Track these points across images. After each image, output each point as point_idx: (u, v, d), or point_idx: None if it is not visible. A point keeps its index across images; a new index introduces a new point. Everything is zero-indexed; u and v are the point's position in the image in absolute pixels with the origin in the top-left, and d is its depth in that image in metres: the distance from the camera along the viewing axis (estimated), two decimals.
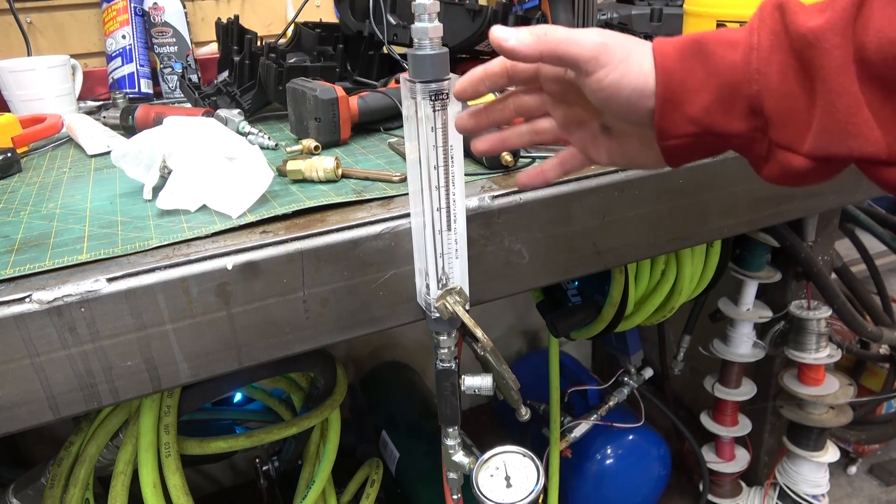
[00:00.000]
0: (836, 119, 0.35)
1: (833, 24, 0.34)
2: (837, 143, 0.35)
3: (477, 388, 0.60)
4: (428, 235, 0.50)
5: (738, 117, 0.39)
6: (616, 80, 0.40)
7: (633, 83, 0.40)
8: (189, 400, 0.75)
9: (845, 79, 0.34)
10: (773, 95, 0.37)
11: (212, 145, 0.58)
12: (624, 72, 0.40)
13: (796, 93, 0.36)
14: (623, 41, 0.41)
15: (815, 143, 0.36)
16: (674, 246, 0.71)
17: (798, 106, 0.36)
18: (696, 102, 0.39)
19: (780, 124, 0.38)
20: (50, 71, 0.97)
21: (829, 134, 0.35)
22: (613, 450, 1.20)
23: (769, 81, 0.37)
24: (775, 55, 0.37)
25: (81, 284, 0.45)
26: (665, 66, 0.39)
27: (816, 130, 0.36)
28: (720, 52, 0.38)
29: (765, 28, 0.38)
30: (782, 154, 0.38)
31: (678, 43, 0.40)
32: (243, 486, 1.48)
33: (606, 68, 0.40)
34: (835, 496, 1.40)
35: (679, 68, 0.39)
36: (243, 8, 1.27)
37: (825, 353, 1.06)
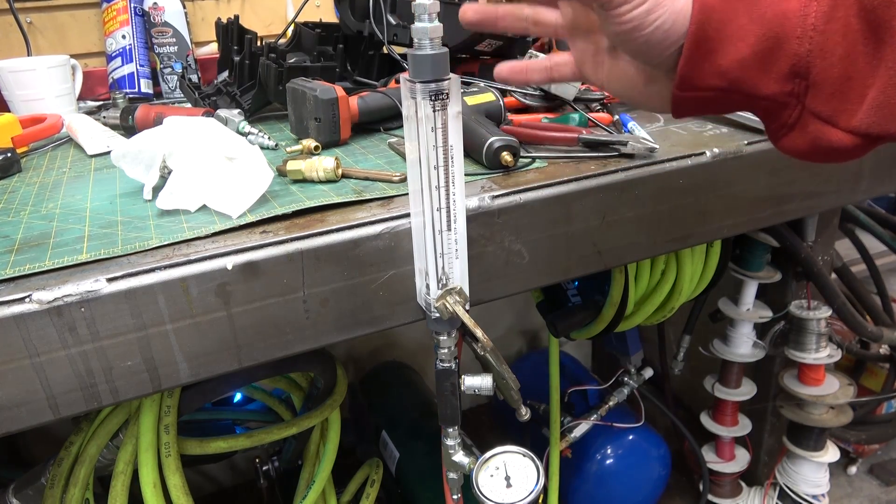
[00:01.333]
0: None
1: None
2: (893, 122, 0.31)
3: (477, 388, 0.60)
4: (428, 235, 0.50)
5: (775, 78, 0.34)
6: (641, 14, 0.35)
7: (660, 20, 0.35)
8: (189, 400, 0.75)
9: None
10: (828, 58, 0.32)
11: (212, 145, 0.58)
12: (651, 6, 0.34)
13: (855, 57, 0.32)
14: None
15: (868, 118, 0.32)
16: (674, 246, 0.71)
17: (854, 73, 0.32)
18: (730, 52, 0.34)
19: (826, 93, 0.33)
20: (50, 71, 0.97)
21: (889, 110, 0.31)
22: (613, 450, 1.20)
23: (826, 41, 0.32)
24: (840, 10, 0.32)
25: (81, 284, 0.45)
26: (705, 4, 0.34)
27: (873, 105, 0.31)
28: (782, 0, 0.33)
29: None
30: (817, 126, 0.34)
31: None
32: (243, 486, 1.48)
33: (633, 2, 0.35)
34: (835, 496, 1.40)
35: (721, 9, 0.34)
36: (243, 8, 1.27)
37: (825, 353, 1.06)
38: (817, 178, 0.75)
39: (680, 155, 0.65)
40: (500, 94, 0.76)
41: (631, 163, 0.64)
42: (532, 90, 0.81)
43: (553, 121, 0.78)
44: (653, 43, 0.36)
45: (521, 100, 0.81)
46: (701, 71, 0.35)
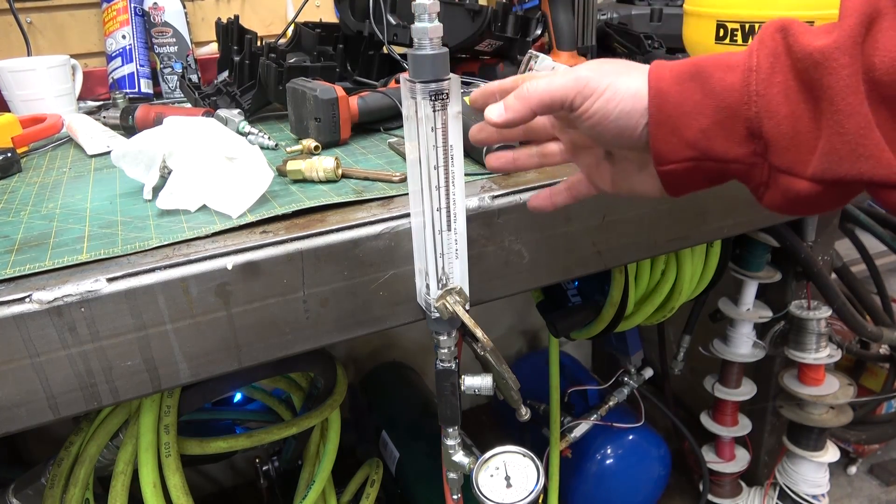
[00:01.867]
0: (846, 140, 0.34)
1: (840, 43, 0.33)
2: (847, 166, 0.34)
3: (477, 388, 0.60)
4: (428, 235, 0.50)
5: (737, 141, 0.38)
6: (602, 105, 0.40)
7: (619, 106, 0.40)
8: (189, 400, 0.75)
9: (854, 99, 0.33)
10: (774, 117, 0.36)
11: (212, 145, 0.58)
12: (609, 97, 0.40)
13: (799, 114, 0.35)
14: (611, 69, 0.41)
15: (822, 165, 0.35)
16: (674, 246, 0.71)
17: (801, 127, 0.35)
18: (692, 126, 0.38)
19: (782, 147, 0.37)
20: (50, 71, 0.97)
21: (838, 156, 0.34)
22: (613, 450, 1.20)
23: (769, 103, 0.36)
24: (776, 76, 0.36)
25: (81, 284, 0.45)
26: (660, 88, 0.39)
27: (823, 152, 0.35)
28: (718, 74, 0.38)
29: (764, 50, 0.37)
30: (784, 179, 0.37)
31: (674, 66, 0.40)
32: (243, 486, 1.48)
33: (591, 98, 0.40)
34: (835, 496, 1.40)
35: (675, 91, 0.38)
36: (243, 8, 1.27)
37: (825, 353, 1.06)
38: None
39: None
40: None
41: None
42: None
43: None
44: (621, 126, 0.40)
45: None
46: (670, 145, 0.39)
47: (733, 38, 0.75)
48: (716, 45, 0.77)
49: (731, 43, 0.75)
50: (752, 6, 0.73)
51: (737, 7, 0.75)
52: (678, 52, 0.94)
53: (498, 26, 0.88)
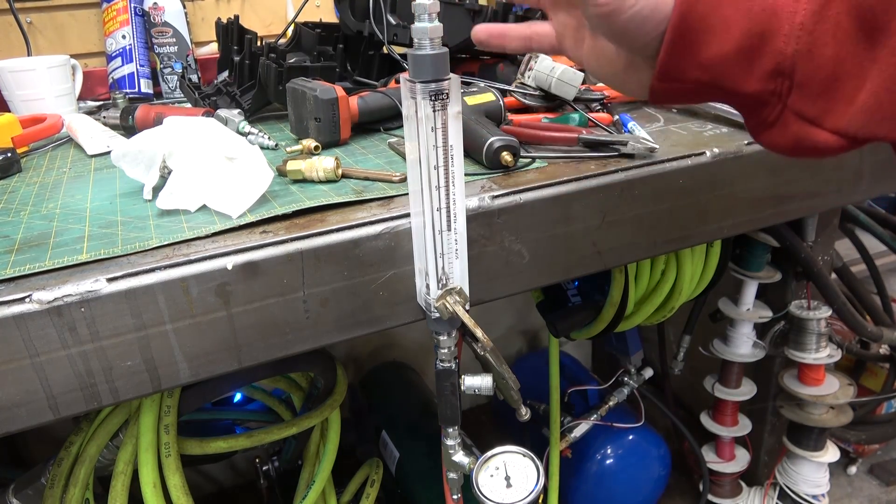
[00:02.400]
0: (894, 99, 0.29)
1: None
2: (888, 126, 0.30)
3: (477, 388, 0.60)
4: (428, 235, 0.50)
5: (758, 76, 0.33)
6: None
7: (637, 5, 0.34)
8: (189, 400, 0.75)
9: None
10: (815, 59, 0.31)
11: (212, 145, 0.58)
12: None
13: (845, 57, 0.30)
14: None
15: (857, 121, 0.31)
16: (674, 246, 0.71)
17: (843, 73, 0.30)
18: (713, 46, 0.33)
19: (813, 94, 0.32)
20: (50, 71, 0.97)
21: (882, 114, 0.30)
22: (613, 450, 1.20)
23: (815, 42, 0.30)
24: (832, 9, 0.30)
25: (81, 284, 0.45)
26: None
27: (864, 107, 0.30)
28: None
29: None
30: (801, 126, 0.33)
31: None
32: (243, 486, 1.48)
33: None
34: (835, 496, 1.40)
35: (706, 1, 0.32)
36: (243, 8, 1.27)
37: (825, 353, 1.06)
38: (817, 178, 0.75)
39: (680, 155, 0.65)
40: (500, 94, 0.76)
41: (631, 163, 0.64)
42: (532, 90, 0.81)
43: (553, 121, 0.78)
44: (631, 29, 0.35)
45: (521, 100, 0.81)
46: (682, 63, 0.34)
47: None
48: None
49: None
50: None
51: None
52: None
53: None
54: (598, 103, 0.81)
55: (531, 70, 0.80)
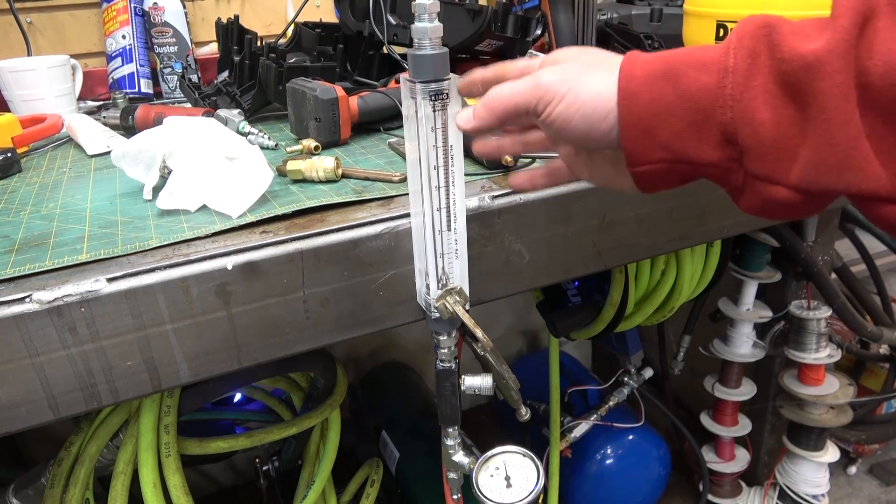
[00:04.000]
0: (835, 151, 0.31)
1: (834, 46, 0.30)
2: (834, 177, 0.32)
3: (477, 388, 0.60)
4: (428, 235, 0.50)
5: (710, 145, 0.36)
6: (562, 110, 0.39)
7: (581, 110, 0.38)
8: (189, 400, 0.75)
9: (847, 107, 0.31)
10: (750, 123, 0.34)
11: (212, 145, 0.58)
12: (570, 101, 0.39)
13: (779, 120, 0.33)
14: (577, 69, 0.40)
15: (806, 176, 0.33)
16: (674, 246, 0.71)
17: (781, 135, 0.33)
18: (665, 128, 0.36)
19: (759, 155, 0.34)
20: (50, 71, 0.97)
21: (825, 167, 0.32)
22: (613, 450, 1.20)
23: (746, 108, 0.34)
24: (755, 79, 0.33)
25: (81, 284, 0.45)
26: (629, 89, 0.37)
27: (807, 163, 0.33)
28: (692, 74, 0.35)
29: (743, 50, 0.34)
30: (761, 186, 0.35)
31: (647, 61, 0.37)
32: (243, 486, 1.48)
33: (552, 104, 0.39)
34: (835, 496, 1.40)
35: (646, 91, 0.36)
36: (243, 8, 1.27)
37: (825, 353, 1.06)
38: None
39: None
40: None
41: None
42: None
43: None
44: (583, 129, 0.39)
45: None
46: (642, 147, 0.38)
47: None
48: None
49: None
50: (752, 6, 0.73)
51: (737, 7, 0.75)
52: None
53: (498, 26, 0.87)
54: None
55: None
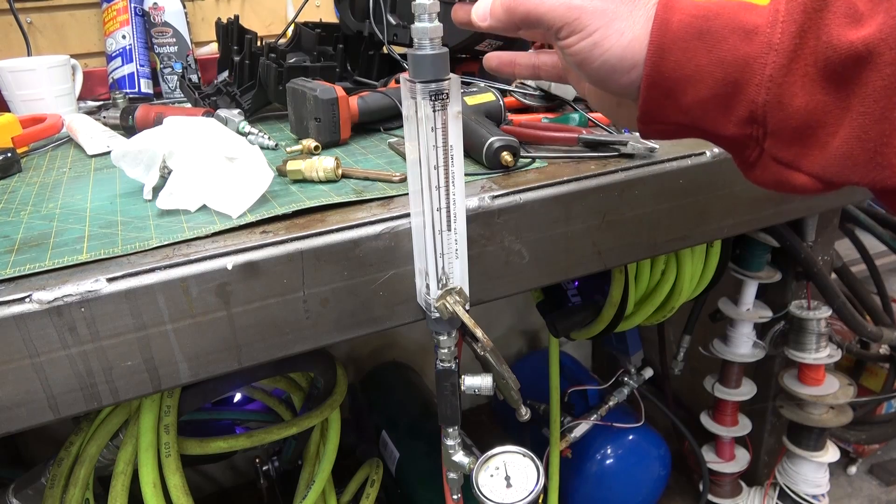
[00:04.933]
0: (865, 146, 0.30)
1: (887, 33, 0.28)
2: (862, 172, 0.31)
3: (477, 388, 0.60)
4: (428, 235, 0.50)
5: (734, 121, 0.34)
6: (586, 47, 0.36)
7: (606, 55, 0.35)
8: (189, 400, 0.75)
9: (888, 101, 0.29)
10: (785, 109, 0.32)
11: (212, 145, 0.58)
12: (597, 41, 0.35)
13: (814, 108, 0.31)
14: (610, 4, 0.36)
15: (832, 168, 0.32)
16: (674, 246, 0.71)
17: (814, 122, 0.31)
18: (689, 93, 0.34)
19: (784, 141, 0.33)
20: (50, 71, 0.97)
21: (853, 162, 0.31)
22: (613, 450, 1.20)
23: (783, 93, 0.32)
24: (799, 61, 0.31)
25: (81, 284, 0.45)
26: (662, 44, 0.34)
27: (836, 155, 0.31)
28: (732, 40, 0.32)
29: (793, 24, 0.31)
30: (780, 169, 0.34)
31: (685, 14, 0.34)
32: (243, 486, 1.48)
33: (577, 35, 0.36)
34: (835, 496, 1.40)
35: (678, 49, 0.33)
36: (243, 8, 1.27)
37: (825, 353, 1.06)
38: None
39: (680, 155, 0.65)
40: (500, 94, 0.76)
41: (631, 163, 0.64)
42: (532, 90, 0.81)
43: (553, 121, 0.78)
44: (603, 75, 0.36)
45: (521, 100, 0.81)
46: (661, 108, 0.36)
47: None
48: None
49: None
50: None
51: None
52: None
53: None
54: None
55: None
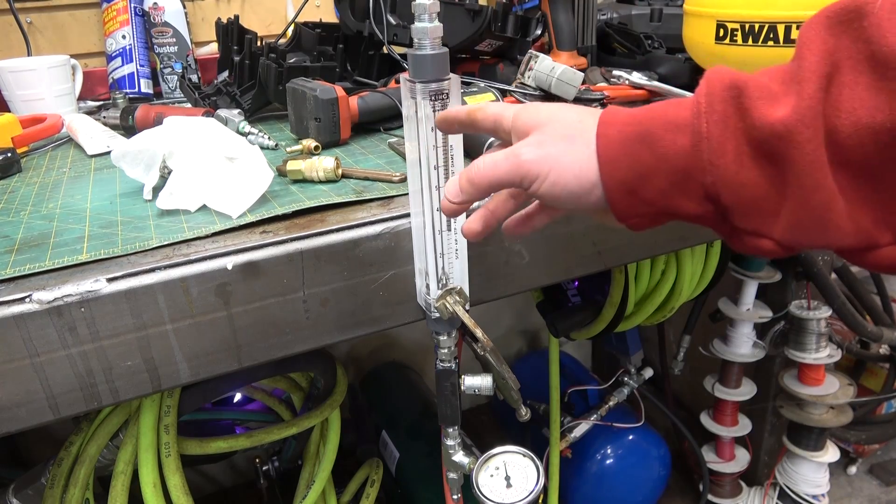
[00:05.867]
0: (811, 214, 0.33)
1: (803, 114, 0.31)
2: (813, 236, 0.34)
3: (477, 388, 0.60)
4: (428, 235, 0.50)
5: (695, 202, 0.37)
6: (548, 188, 0.39)
7: (567, 188, 0.39)
8: (189, 400, 0.75)
9: (820, 173, 0.31)
10: (730, 185, 0.34)
11: (212, 145, 0.58)
12: (554, 181, 0.39)
13: (757, 182, 0.34)
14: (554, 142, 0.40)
15: (787, 234, 0.34)
16: (674, 246, 0.71)
17: (760, 194, 0.34)
18: (649, 187, 0.37)
19: (742, 213, 0.35)
20: (50, 71, 0.97)
21: (803, 227, 0.33)
22: (613, 450, 1.20)
23: (724, 172, 0.34)
24: (729, 144, 0.34)
25: (81, 284, 0.45)
26: (609, 157, 0.38)
27: (788, 223, 0.34)
28: (668, 137, 0.36)
29: (714, 115, 0.34)
30: (748, 237, 0.36)
31: (622, 126, 0.38)
32: (243, 486, 1.48)
33: (536, 182, 0.40)
34: (835, 496, 1.40)
35: (625, 156, 0.37)
36: (243, 8, 1.27)
37: (825, 353, 1.06)
38: None
39: None
40: (500, 94, 0.76)
41: None
42: (532, 90, 0.81)
43: None
44: (573, 202, 0.40)
45: (521, 100, 0.81)
46: (631, 205, 0.39)
47: (733, 38, 0.75)
48: (716, 45, 0.77)
49: (731, 43, 0.75)
50: (752, 6, 0.73)
51: (737, 7, 0.75)
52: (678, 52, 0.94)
53: (498, 26, 0.88)
54: (598, 103, 0.81)
55: (531, 70, 0.80)
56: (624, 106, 0.87)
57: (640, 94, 0.89)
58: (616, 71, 0.92)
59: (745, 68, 0.36)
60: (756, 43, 0.73)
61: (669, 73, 0.93)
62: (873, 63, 0.30)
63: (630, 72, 0.90)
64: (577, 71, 0.78)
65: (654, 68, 0.95)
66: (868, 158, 0.31)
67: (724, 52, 0.77)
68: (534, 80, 0.80)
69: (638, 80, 0.88)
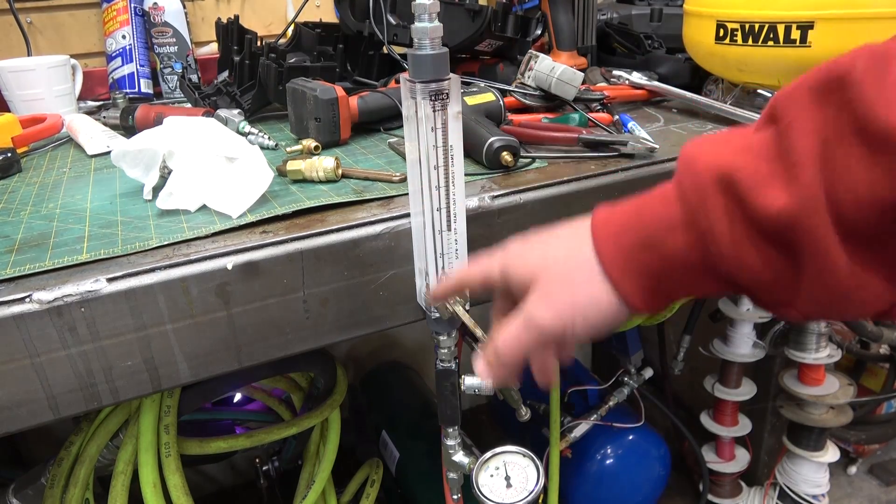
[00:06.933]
0: (829, 292, 0.33)
1: (805, 203, 0.31)
2: (836, 310, 0.35)
3: (477, 388, 0.60)
4: (428, 235, 0.50)
5: (718, 287, 0.37)
6: (581, 333, 0.40)
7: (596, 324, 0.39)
8: (189, 400, 0.75)
9: (834, 254, 0.31)
10: (748, 272, 0.35)
11: (212, 145, 0.58)
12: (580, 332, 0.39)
13: (774, 266, 0.34)
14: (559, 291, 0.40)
15: (808, 308, 0.35)
16: None
17: (779, 276, 0.34)
18: (669, 286, 0.38)
19: (763, 293, 0.36)
20: (50, 71, 0.97)
21: (822, 304, 0.34)
22: (613, 450, 1.20)
23: (739, 262, 0.35)
24: (736, 234, 0.34)
25: (81, 284, 0.45)
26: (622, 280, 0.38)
27: (807, 300, 0.34)
28: (669, 238, 0.36)
29: (714, 210, 0.34)
30: (772, 307, 0.37)
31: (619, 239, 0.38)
32: (243, 486, 1.48)
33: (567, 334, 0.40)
34: (835, 496, 1.40)
35: (635, 270, 0.38)
36: (243, 8, 1.27)
37: (825, 353, 1.06)
38: None
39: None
40: (500, 94, 0.76)
41: (631, 163, 0.64)
42: (532, 90, 0.81)
43: (553, 121, 0.78)
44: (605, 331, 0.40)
45: (521, 100, 0.81)
46: (655, 304, 0.39)
47: (733, 38, 0.75)
48: (716, 45, 0.77)
49: (731, 43, 0.75)
50: (752, 6, 0.73)
51: (737, 7, 0.75)
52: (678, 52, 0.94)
53: (498, 26, 0.88)
54: (598, 103, 0.81)
55: (531, 70, 0.80)
56: (624, 105, 0.88)
57: (641, 95, 0.89)
58: (616, 71, 0.92)
59: (745, 68, 0.36)
60: (756, 43, 0.73)
61: (669, 73, 0.93)
62: (864, 136, 0.29)
63: (630, 72, 0.90)
64: (577, 71, 0.78)
65: (654, 68, 0.95)
66: (875, 227, 0.31)
67: (724, 51, 0.77)
68: (534, 80, 0.80)
69: (638, 80, 0.89)
